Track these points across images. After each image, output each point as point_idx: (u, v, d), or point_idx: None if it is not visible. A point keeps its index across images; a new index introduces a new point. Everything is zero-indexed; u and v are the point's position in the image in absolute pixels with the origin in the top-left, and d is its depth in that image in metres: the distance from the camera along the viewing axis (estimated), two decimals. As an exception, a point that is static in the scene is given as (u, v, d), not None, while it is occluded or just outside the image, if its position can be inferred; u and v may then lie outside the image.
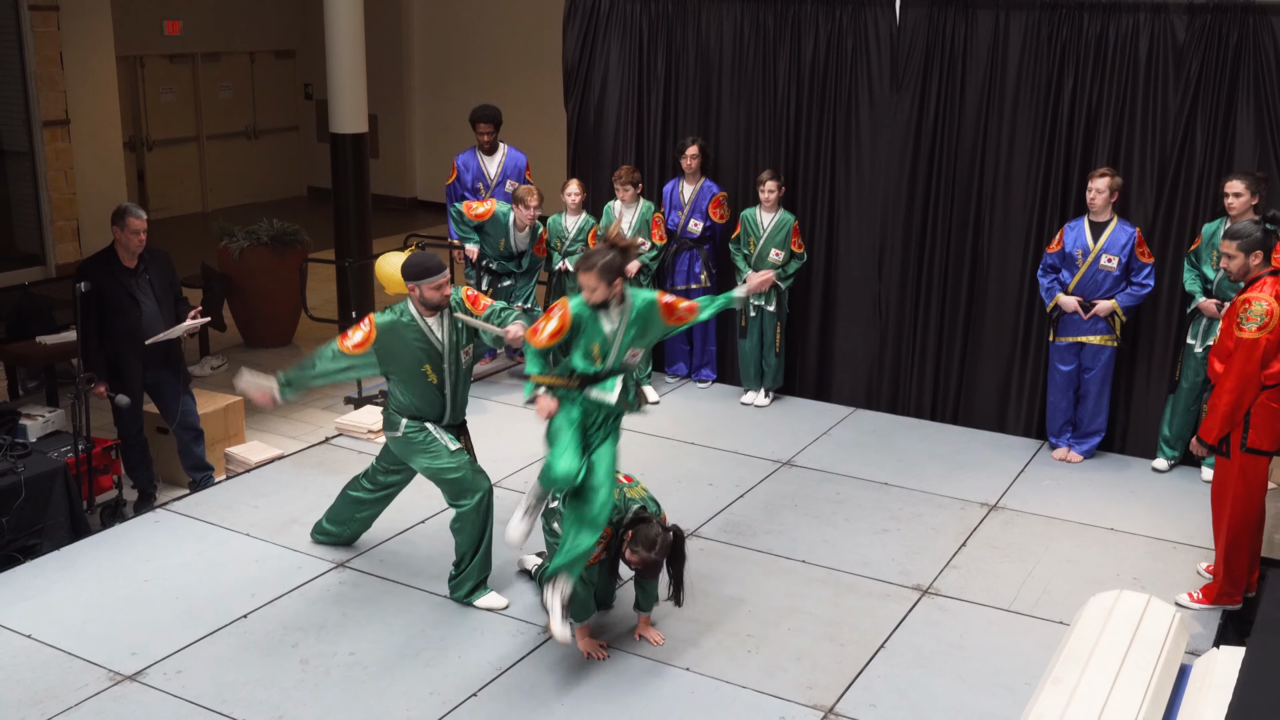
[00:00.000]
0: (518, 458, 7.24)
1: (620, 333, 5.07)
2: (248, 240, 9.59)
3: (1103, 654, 4.62)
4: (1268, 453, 5.49)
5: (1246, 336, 5.27)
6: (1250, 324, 5.26)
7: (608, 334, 5.04)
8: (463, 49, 14.99)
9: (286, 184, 16.23)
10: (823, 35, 7.95)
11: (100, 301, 6.43)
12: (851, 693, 4.98)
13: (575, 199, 8.39)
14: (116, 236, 6.50)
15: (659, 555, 4.98)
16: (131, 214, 6.47)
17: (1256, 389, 5.34)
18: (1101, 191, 6.83)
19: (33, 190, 10.92)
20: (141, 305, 6.53)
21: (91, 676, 5.00)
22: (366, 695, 4.90)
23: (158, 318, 6.57)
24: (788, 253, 7.98)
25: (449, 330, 5.51)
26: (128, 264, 6.54)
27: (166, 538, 6.23)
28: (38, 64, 10.62)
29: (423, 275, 5.40)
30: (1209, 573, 5.90)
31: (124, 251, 6.52)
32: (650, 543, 4.94)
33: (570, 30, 8.84)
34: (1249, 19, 6.74)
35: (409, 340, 5.45)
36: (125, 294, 6.50)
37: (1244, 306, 5.30)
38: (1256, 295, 5.29)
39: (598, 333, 5.03)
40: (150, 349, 6.54)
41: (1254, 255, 5.36)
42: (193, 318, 6.71)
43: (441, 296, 5.43)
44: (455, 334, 5.52)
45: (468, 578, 5.60)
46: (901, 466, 7.26)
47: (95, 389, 6.43)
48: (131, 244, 6.49)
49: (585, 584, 5.07)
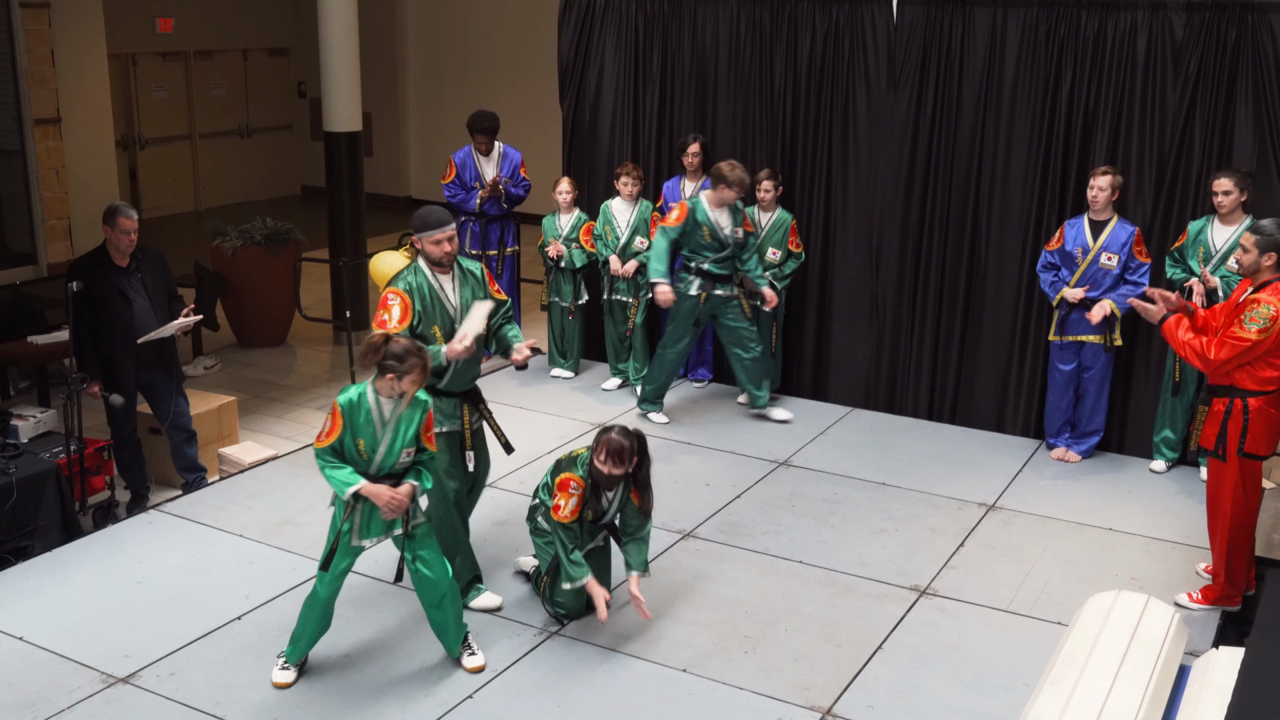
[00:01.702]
0: (516, 458, 7.20)
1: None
2: (241, 239, 9.55)
3: (1101, 654, 4.61)
4: (1264, 457, 5.49)
5: (1243, 335, 5.27)
6: (1253, 325, 5.25)
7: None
8: (457, 46, 14.96)
9: (280, 183, 16.19)
10: (819, 33, 7.92)
11: (92, 301, 6.39)
12: (849, 693, 4.96)
13: (567, 197, 8.38)
14: (108, 236, 6.46)
15: (629, 460, 5.16)
16: (122, 213, 6.43)
17: (1207, 372, 5.45)
18: (1103, 189, 6.81)
19: (24, 189, 10.87)
20: (134, 304, 6.49)
21: (84, 679, 4.96)
22: (362, 697, 4.87)
23: (150, 316, 6.53)
24: (785, 252, 7.96)
25: (459, 292, 5.41)
26: (119, 263, 6.50)
27: (160, 539, 6.19)
28: (29, 62, 10.58)
29: (422, 228, 5.35)
30: (1207, 573, 5.89)
31: (115, 251, 6.48)
32: (619, 453, 5.11)
33: (565, 28, 8.81)
34: (1247, 17, 6.72)
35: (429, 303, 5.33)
36: (117, 293, 6.46)
37: (1252, 306, 5.29)
38: (1267, 298, 5.28)
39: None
40: (144, 348, 6.50)
41: (1268, 256, 5.35)
42: (184, 316, 6.68)
43: (442, 253, 5.33)
44: (467, 298, 5.41)
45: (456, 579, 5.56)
46: (899, 466, 7.25)
47: (89, 389, 6.40)
48: (122, 243, 6.45)
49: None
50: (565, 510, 5.21)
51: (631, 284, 8.22)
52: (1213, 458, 5.53)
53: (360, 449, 4.75)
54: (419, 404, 4.83)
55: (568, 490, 5.20)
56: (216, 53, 15.24)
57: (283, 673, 4.98)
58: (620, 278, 8.21)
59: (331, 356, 9.70)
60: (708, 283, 7.57)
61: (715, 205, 7.45)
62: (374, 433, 4.75)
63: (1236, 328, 5.30)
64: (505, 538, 6.23)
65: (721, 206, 7.45)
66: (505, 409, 8.09)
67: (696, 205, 7.47)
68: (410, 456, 4.85)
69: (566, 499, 5.20)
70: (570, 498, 5.20)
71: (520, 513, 6.44)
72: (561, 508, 5.22)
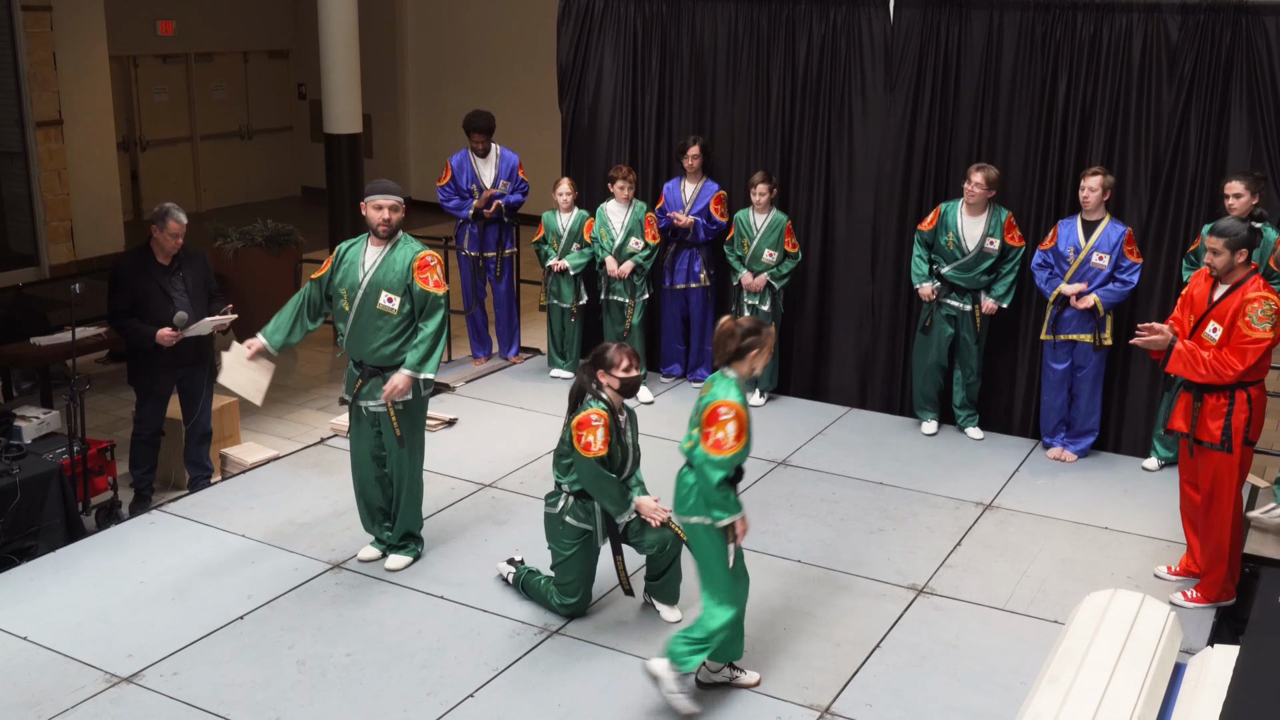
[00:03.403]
0: (516, 458, 7.24)
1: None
2: (242, 241, 9.58)
3: (1098, 653, 4.64)
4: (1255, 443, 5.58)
5: (1258, 335, 5.30)
6: (1263, 323, 5.29)
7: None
8: (457, 48, 14.99)
9: (280, 184, 16.22)
10: (816, 35, 7.96)
11: (134, 297, 6.49)
12: (847, 692, 4.99)
13: (567, 198, 8.41)
14: (155, 236, 6.55)
15: (633, 366, 5.21)
16: (172, 216, 6.53)
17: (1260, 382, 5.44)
18: (1094, 190, 6.85)
19: (26, 191, 10.91)
20: (174, 301, 6.57)
21: (88, 679, 4.99)
22: (363, 696, 4.90)
23: (191, 315, 6.59)
24: (781, 253, 7.99)
25: (376, 266, 5.62)
26: (162, 261, 6.59)
27: (162, 539, 6.23)
28: (31, 64, 10.62)
29: (368, 193, 5.67)
30: (1171, 575, 5.93)
31: (159, 250, 6.58)
32: (633, 353, 5.21)
33: (564, 30, 8.84)
34: (1242, 19, 6.76)
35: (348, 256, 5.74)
36: (158, 290, 6.55)
37: (1250, 307, 5.32)
38: (1262, 295, 5.32)
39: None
40: (183, 346, 6.58)
41: (1239, 253, 5.38)
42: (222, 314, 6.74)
43: (380, 219, 5.60)
44: (381, 275, 5.61)
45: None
46: (896, 466, 7.28)
47: (160, 336, 6.42)
48: (168, 245, 6.57)
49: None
50: (597, 444, 5.11)
51: (627, 284, 8.26)
52: (1215, 450, 5.51)
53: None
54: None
55: (590, 425, 5.12)
56: (217, 55, 15.27)
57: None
58: (616, 279, 8.25)
59: (332, 357, 9.73)
60: (943, 289, 7.46)
61: (969, 212, 7.32)
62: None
63: (1245, 330, 5.32)
64: (505, 538, 6.26)
65: (975, 215, 7.28)
66: (505, 409, 8.13)
67: (949, 210, 7.37)
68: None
69: (593, 433, 5.11)
70: (596, 430, 5.11)
71: (521, 513, 6.48)
72: (593, 444, 5.12)
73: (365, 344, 5.68)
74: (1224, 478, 5.53)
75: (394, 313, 5.61)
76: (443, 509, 6.59)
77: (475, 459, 7.27)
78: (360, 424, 5.85)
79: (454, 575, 5.87)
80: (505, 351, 9.15)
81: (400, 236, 5.73)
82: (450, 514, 6.55)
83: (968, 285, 7.40)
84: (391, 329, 5.64)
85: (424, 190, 15.23)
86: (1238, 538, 5.65)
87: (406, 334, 5.66)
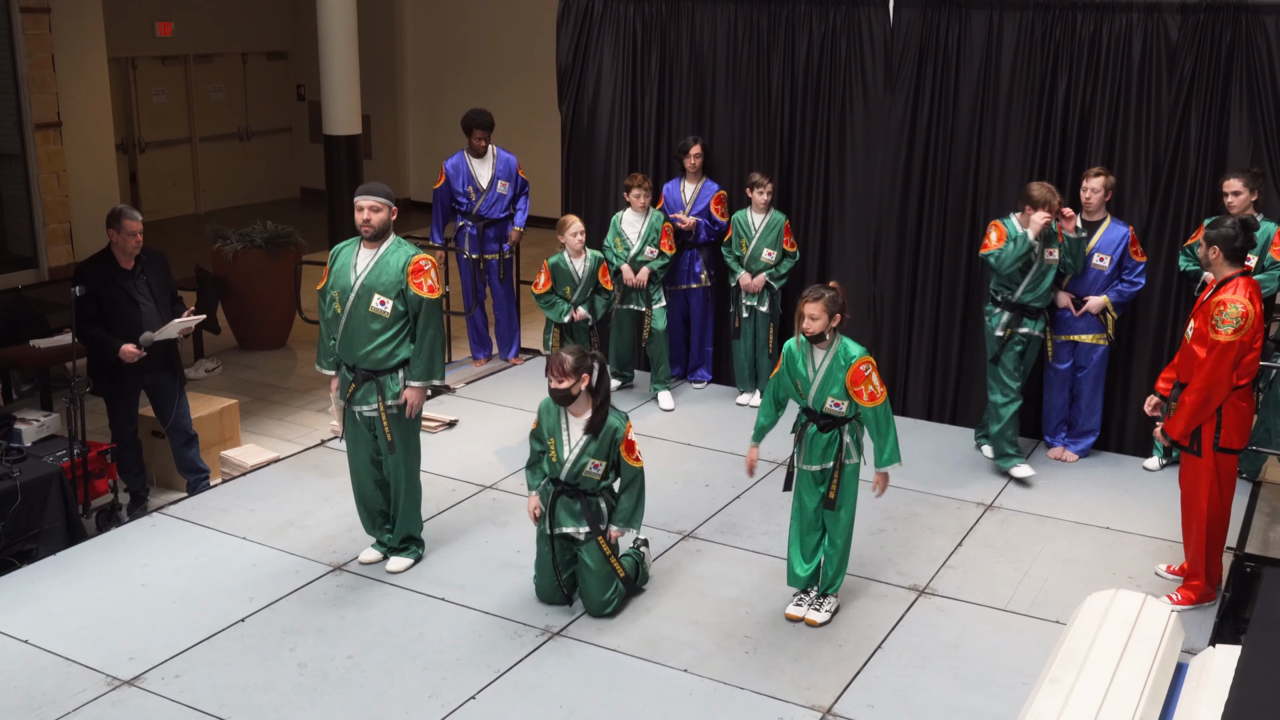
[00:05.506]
0: (516, 459, 7.24)
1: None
2: (241, 242, 9.58)
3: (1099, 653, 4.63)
4: (1238, 450, 5.54)
5: (1221, 339, 5.29)
6: (1226, 326, 5.27)
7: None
8: (456, 50, 14.98)
9: (280, 185, 16.21)
10: (816, 35, 7.96)
11: (99, 304, 6.43)
12: (849, 693, 4.99)
13: (580, 238, 7.68)
14: (113, 239, 6.48)
15: (573, 370, 5.44)
16: (127, 216, 6.46)
17: (1226, 390, 5.36)
18: (1096, 191, 6.84)
19: (25, 193, 10.90)
20: (140, 306, 6.53)
21: (89, 682, 4.99)
22: (365, 698, 4.90)
23: (157, 318, 6.56)
24: (780, 252, 7.99)
25: (368, 269, 5.62)
26: (125, 265, 6.53)
27: (163, 542, 6.22)
28: (29, 66, 10.60)
29: (358, 194, 5.74)
30: (1170, 573, 5.93)
31: (121, 253, 6.51)
32: (552, 369, 5.45)
33: (564, 31, 8.84)
34: (1242, 18, 6.76)
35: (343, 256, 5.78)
36: (124, 295, 6.49)
37: (1219, 309, 5.31)
38: (1231, 298, 5.29)
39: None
40: (150, 349, 6.53)
41: (1213, 250, 5.37)
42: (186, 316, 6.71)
43: (358, 220, 5.64)
44: (373, 278, 5.61)
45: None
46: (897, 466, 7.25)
47: (123, 352, 6.38)
48: (128, 246, 6.48)
49: None
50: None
51: (644, 294, 8.18)
52: (1187, 453, 5.56)
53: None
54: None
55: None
56: (216, 56, 15.26)
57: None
58: (634, 288, 8.17)
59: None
60: (1014, 318, 6.93)
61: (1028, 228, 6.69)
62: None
63: (1212, 333, 5.31)
64: (506, 539, 6.26)
65: (1037, 231, 6.63)
66: (505, 410, 8.12)
67: (1007, 223, 6.77)
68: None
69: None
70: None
71: (522, 514, 6.47)
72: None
73: (357, 347, 5.67)
74: (1197, 481, 5.54)
75: (385, 315, 5.61)
76: (443, 511, 6.60)
77: (475, 461, 7.27)
78: (356, 429, 5.85)
79: (455, 577, 5.87)
80: (505, 353, 9.15)
81: (393, 239, 5.71)
82: (451, 516, 6.55)
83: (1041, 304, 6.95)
84: (383, 332, 5.64)
85: (423, 191, 15.22)
86: (1216, 543, 5.65)
87: (399, 337, 5.66)
